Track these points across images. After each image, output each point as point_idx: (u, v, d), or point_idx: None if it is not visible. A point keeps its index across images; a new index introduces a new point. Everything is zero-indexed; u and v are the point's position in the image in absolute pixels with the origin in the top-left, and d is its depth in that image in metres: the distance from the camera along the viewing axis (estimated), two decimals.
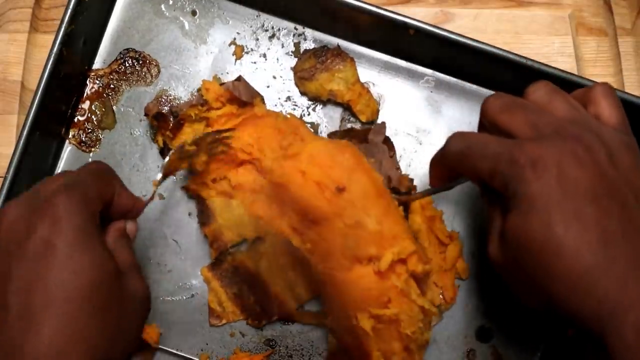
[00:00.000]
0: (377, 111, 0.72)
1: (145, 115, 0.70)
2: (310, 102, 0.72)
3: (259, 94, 0.69)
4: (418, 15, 0.72)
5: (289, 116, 0.69)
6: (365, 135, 0.71)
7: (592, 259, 0.45)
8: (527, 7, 0.75)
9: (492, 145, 0.51)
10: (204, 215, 0.69)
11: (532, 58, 0.67)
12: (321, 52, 0.71)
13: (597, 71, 0.75)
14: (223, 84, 0.68)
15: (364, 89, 0.71)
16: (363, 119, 0.71)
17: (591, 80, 0.67)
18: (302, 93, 0.72)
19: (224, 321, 0.69)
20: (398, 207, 0.63)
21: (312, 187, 0.60)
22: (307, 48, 0.72)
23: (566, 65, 0.73)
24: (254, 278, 0.69)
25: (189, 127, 0.69)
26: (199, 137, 0.64)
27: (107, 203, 0.54)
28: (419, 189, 0.70)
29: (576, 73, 0.73)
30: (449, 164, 0.57)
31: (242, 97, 0.68)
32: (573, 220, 0.46)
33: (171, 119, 0.68)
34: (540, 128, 0.50)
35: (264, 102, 0.70)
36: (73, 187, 0.50)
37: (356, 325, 0.62)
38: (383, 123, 0.71)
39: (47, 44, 0.71)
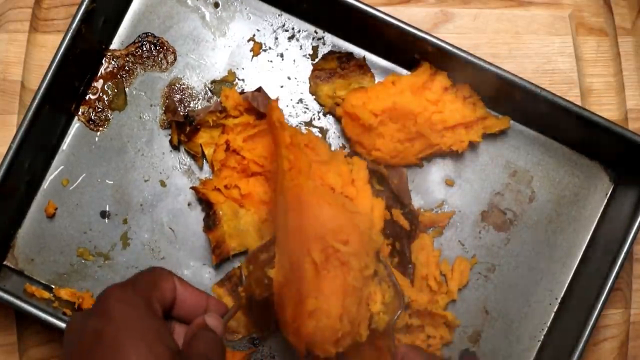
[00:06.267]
0: None
1: (164, 112, 0.71)
2: (321, 107, 0.72)
3: None
4: (418, 15, 0.72)
5: (305, 131, 0.69)
6: None
7: None
8: (527, 7, 0.75)
9: None
10: (210, 219, 0.69)
11: (532, 58, 0.67)
12: (345, 59, 0.71)
13: (597, 71, 0.74)
14: (243, 93, 0.69)
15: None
16: None
17: (594, 113, 0.66)
18: (312, 93, 0.72)
19: (239, 336, 0.69)
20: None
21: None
22: (327, 52, 0.72)
23: (566, 65, 0.73)
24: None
25: (205, 132, 0.70)
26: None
27: (167, 298, 0.55)
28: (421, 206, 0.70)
29: (576, 73, 0.73)
30: None
31: (260, 108, 0.68)
32: None
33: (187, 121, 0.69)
34: None
35: None
36: (124, 283, 0.54)
37: (304, 260, 0.58)
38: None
39: (47, 44, 0.71)
